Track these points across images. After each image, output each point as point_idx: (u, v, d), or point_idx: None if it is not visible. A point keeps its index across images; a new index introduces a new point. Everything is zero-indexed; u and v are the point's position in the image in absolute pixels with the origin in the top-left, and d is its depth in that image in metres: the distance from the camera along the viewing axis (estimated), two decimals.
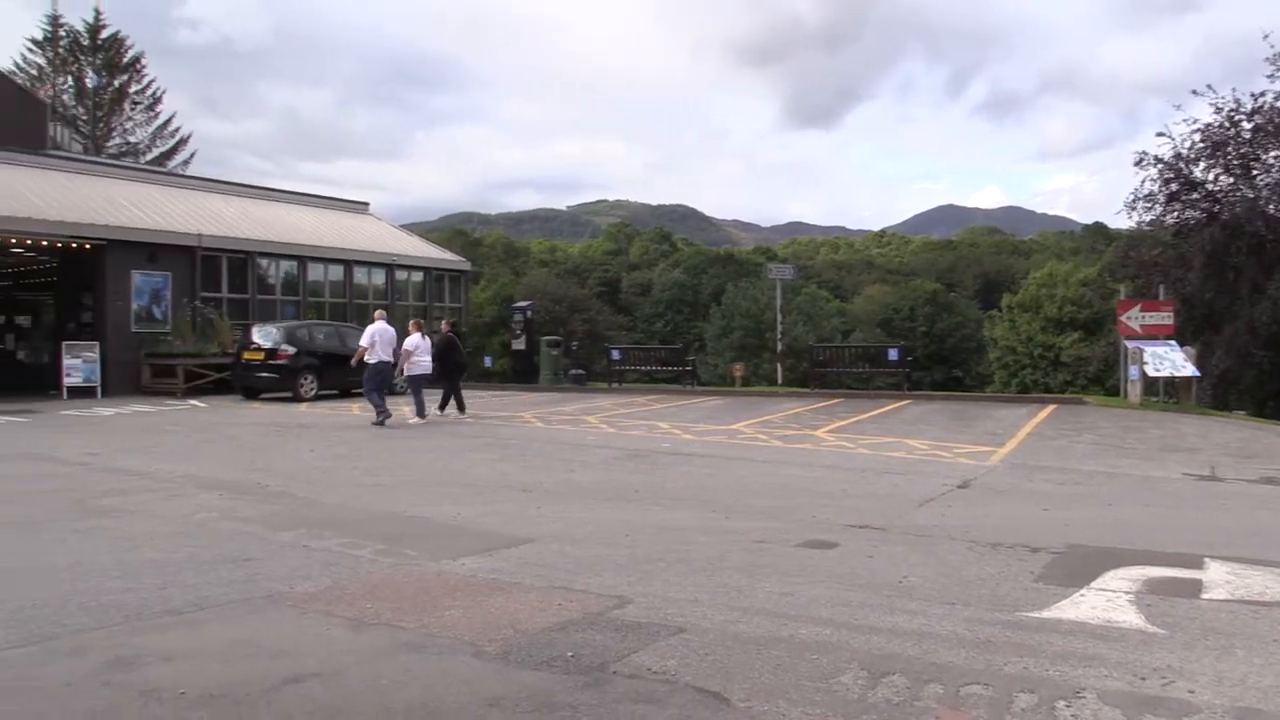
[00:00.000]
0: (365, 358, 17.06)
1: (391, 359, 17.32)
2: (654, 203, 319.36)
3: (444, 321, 20.97)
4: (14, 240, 22.67)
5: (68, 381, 22.05)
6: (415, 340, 17.56)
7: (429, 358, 17.74)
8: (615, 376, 29.15)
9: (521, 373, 30.59)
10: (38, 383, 23.85)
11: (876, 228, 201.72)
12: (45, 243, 23.11)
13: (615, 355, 30.25)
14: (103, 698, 4.11)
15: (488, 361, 37.70)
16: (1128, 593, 5.78)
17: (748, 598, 5.66)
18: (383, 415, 16.49)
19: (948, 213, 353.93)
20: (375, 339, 17.04)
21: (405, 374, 17.61)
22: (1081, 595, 5.72)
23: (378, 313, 18.18)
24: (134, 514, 8.35)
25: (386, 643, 4.87)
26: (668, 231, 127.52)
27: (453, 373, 18.75)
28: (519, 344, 31.00)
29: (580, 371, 30.21)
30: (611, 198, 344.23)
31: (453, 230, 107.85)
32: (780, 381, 30.85)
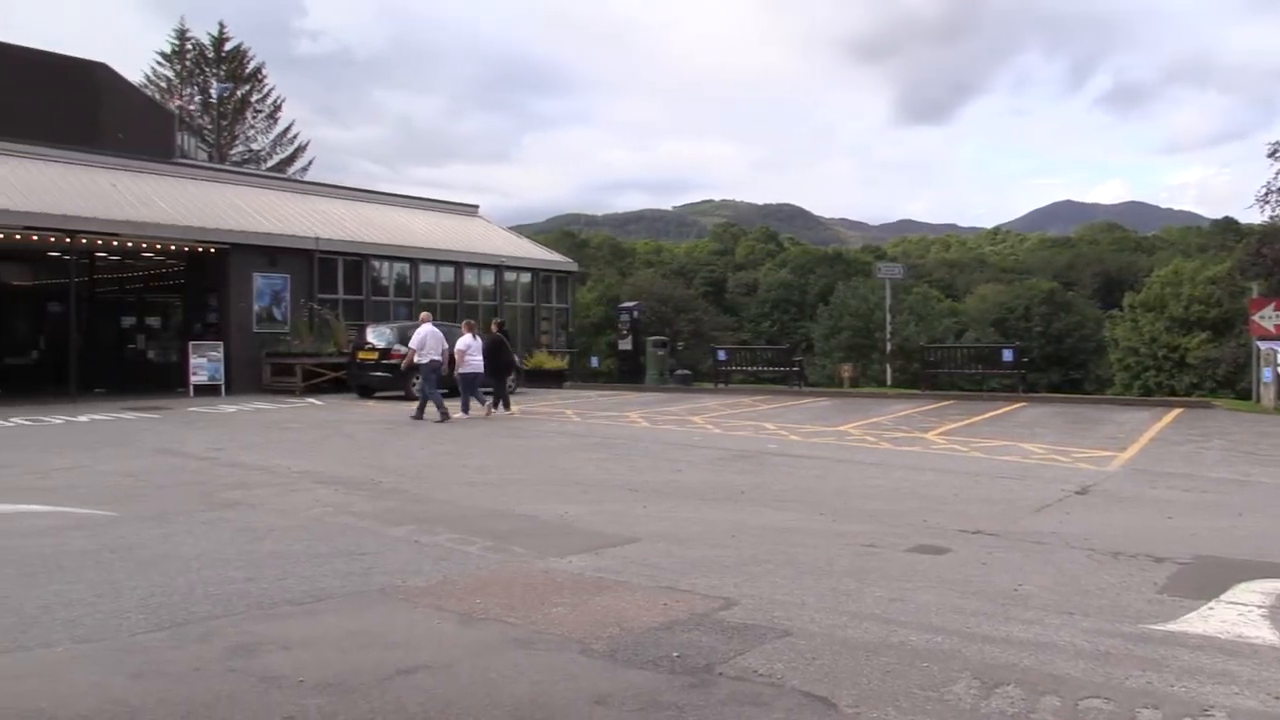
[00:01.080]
0: (415, 359, 17.90)
1: (441, 358, 17.95)
2: (760, 202, 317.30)
3: (493, 322, 21.74)
4: (145, 244, 23.78)
5: (194, 380, 23.03)
6: (467, 340, 18.25)
7: (480, 357, 18.45)
8: (721, 377, 29.08)
9: (627, 373, 30.76)
10: (166, 381, 24.96)
11: (990, 225, 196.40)
12: (174, 247, 24.19)
13: (721, 356, 30.20)
14: (227, 683, 4.27)
15: (594, 362, 38.04)
16: (1261, 607, 5.49)
17: (856, 602, 5.57)
18: (443, 412, 17.22)
19: (1065, 209, 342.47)
20: (425, 341, 17.83)
21: (457, 372, 18.21)
22: (1210, 608, 5.47)
23: (423, 315, 19.22)
24: (255, 507, 8.67)
25: (495, 638, 4.94)
26: (774, 231, 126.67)
27: (501, 371, 19.45)
28: (625, 344, 31.19)
29: (686, 372, 30.23)
30: (717, 197, 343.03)
31: (560, 232, 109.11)
32: (889, 383, 30.32)
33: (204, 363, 23.22)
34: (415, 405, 17.83)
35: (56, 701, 4.02)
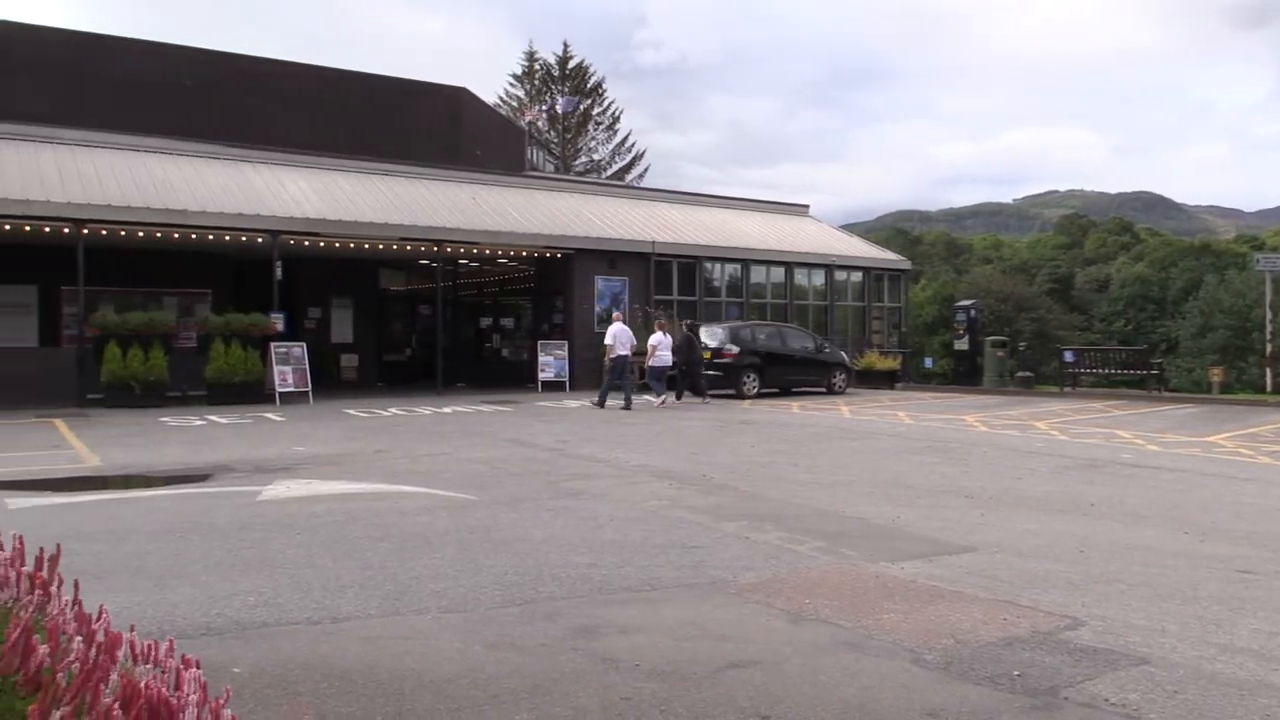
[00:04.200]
0: (610, 355, 20.08)
1: (629, 354, 20.03)
2: (1112, 191, 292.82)
3: (684, 322, 23.26)
4: (500, 251, 25.88)
5: (542, 376, 24.74)
6: (658, 338, 20.58)
7: (669, 353, 20.63)
8: (1067, 380, 27.24)
9: (963, 374, 29.55)
10: (517, 377, 26.97)
11: None
12: (524, 253, 26.15)
13: (1068, 357, 28.27)
14: (571, 660, 4.54)
15: (928, 362, 36.83)
16: None
17: (1227, 633, 5.00)
18: (628, 401, 19.45)
19: None
20: (616, 338, 20.00)
21: (648, 366, 20.40)
22: None
23: (615, 314, 21.59)
24: (597, 497, 9.16)
25: (825, 639, 4.90)
26: (1128, 221, 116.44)
27: (692, 365, 21.38)
28: (961, 344, 29.98)
29: (1028, 374, 28.58)
30: (1063, 188, 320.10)
31: (892, 229, 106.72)
32: (1270, 389, 26.95)
33: (551, 361, 24.88)
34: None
35: (425, 663, 4.46)
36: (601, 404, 19.68)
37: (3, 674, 1.97)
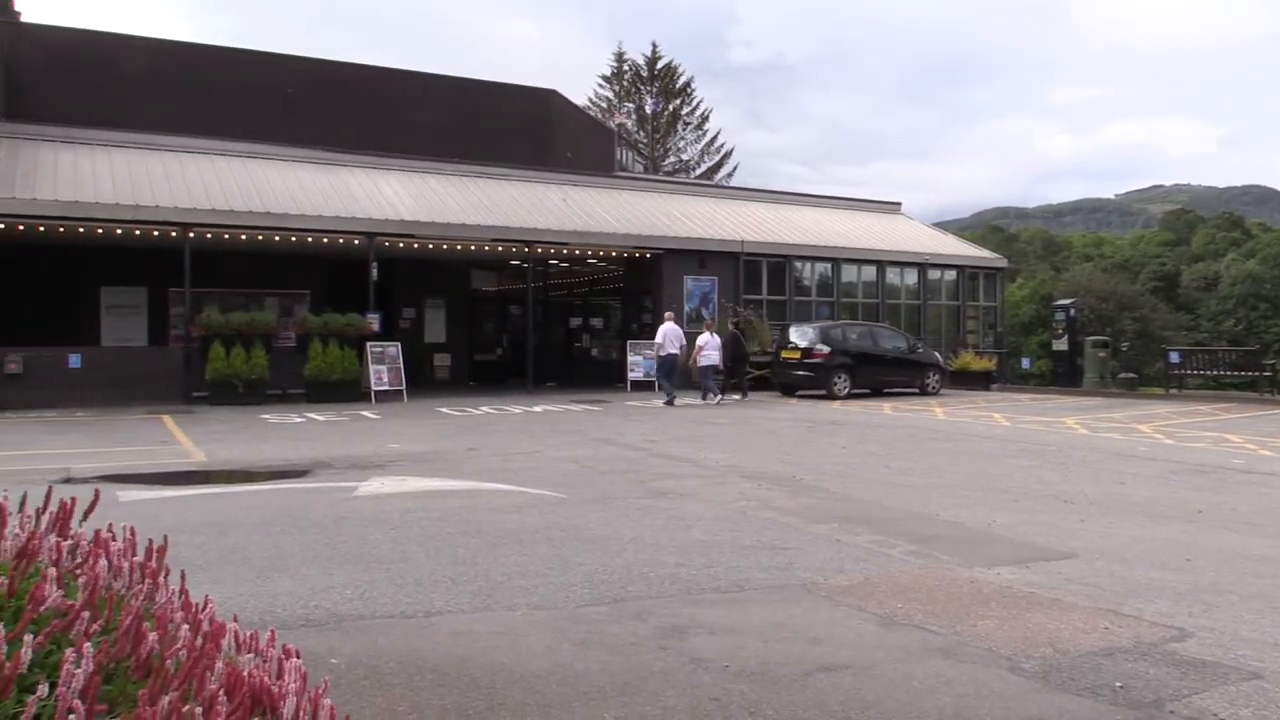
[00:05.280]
0: (660, 353, 21.06)
1: (678, 352, 20.95)
2: (1221, 185, 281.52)
3: (729, 322, 23.71)
4: (589, 252, 26.05)
5: (630, 376, 24.82)
6: (705, 338, 21.29)
7: (717, 352, 21.28)
8: (1173, 381, 26.31)
9: (1062, 375, 28.79)
10: (606, 377, 27.11)
11: None
12: (614, 253, 26.28)
13: (1174, 358, 27.30)
14: (659, 660, 4.54)
15: (1025, 363, 35.97)
16: None
17: None
18: (671, 397, 20.28)
19: None
20: (666, 337, 20.96)
21: (696, 364, 21.05)
22: None
23: (667, 314, 22.24)
24: (684, 497, 9.15)
25: (917, 644, 4.81)
26: (1239, 216, 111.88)
27: (737, 364, 22.16)
28: (1060, 344, 29.22)
29: (1131, 375, 27.73)
30: (1168, 182, 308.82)
31: (987, 227, 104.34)
32: None
33: (640, 360, 24.94)
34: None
35: (515, 659, 4.51)
36: (671, 401, 20.28)
37: (116, 659, 2.05)
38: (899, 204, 36.65)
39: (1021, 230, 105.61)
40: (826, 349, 22.56)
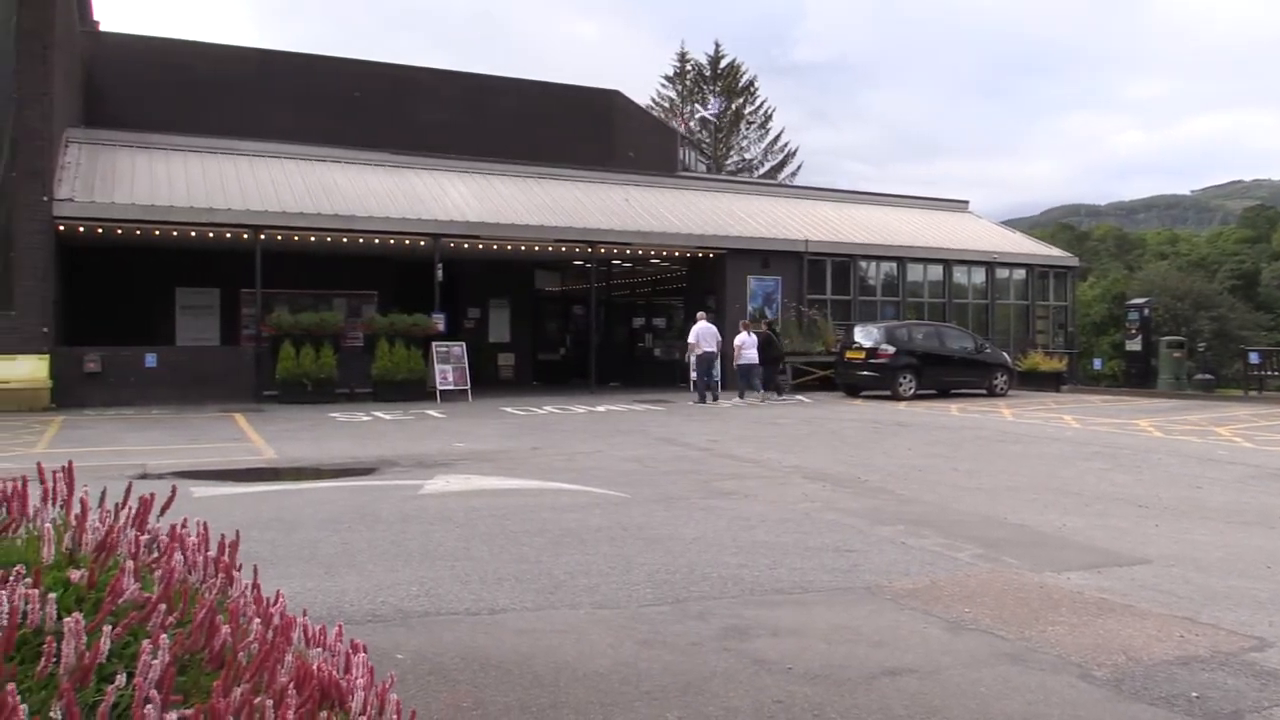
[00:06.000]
0: (694, 353, 21.25)
1: (715, 351, 21.31)
2: None
3: (763, 322, 23.69)
4: (652, 252, 26.07)
5: (693, 376, 24.74)
6: (742, 337, 21.53)
7: (754, 351, 21.38)
8: (1253, 383, 25.54)
9: (1135, 376, 28.09)
10: (669, 377, 27.08)
11: None
12: (677, 253, 26.26)
13: (1253, 358, 26.49)
14: (722, 661, 4.52)
15: (1096, 364, 35.21)
16: None
17: None
18: (705, 396, 20.78)
19: None
20: (700, 336, 21.23)
21: (735, 364, 21.46)
22: None
23: (700, 314, 22.34)
24: (748, 498, 9.11)
25: (985, 650, 4.73)
26: None
27: (772, 362, 22.30)
28: (1133, 345, 28.51)
29: (1208, 376, 26.95)
30: (1248, 177, 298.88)
31: (1057, 225, 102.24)
32: None
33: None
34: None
35: (578, 657, 4.52)
36: (703, 399, 20.84)
37: (190, 650, 2.09)
38: (966, 202, 36.09)
39: (1093, 228, 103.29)
40: (891, 349, 22.30)
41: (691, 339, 21.49)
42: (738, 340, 21.59)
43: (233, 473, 10.67)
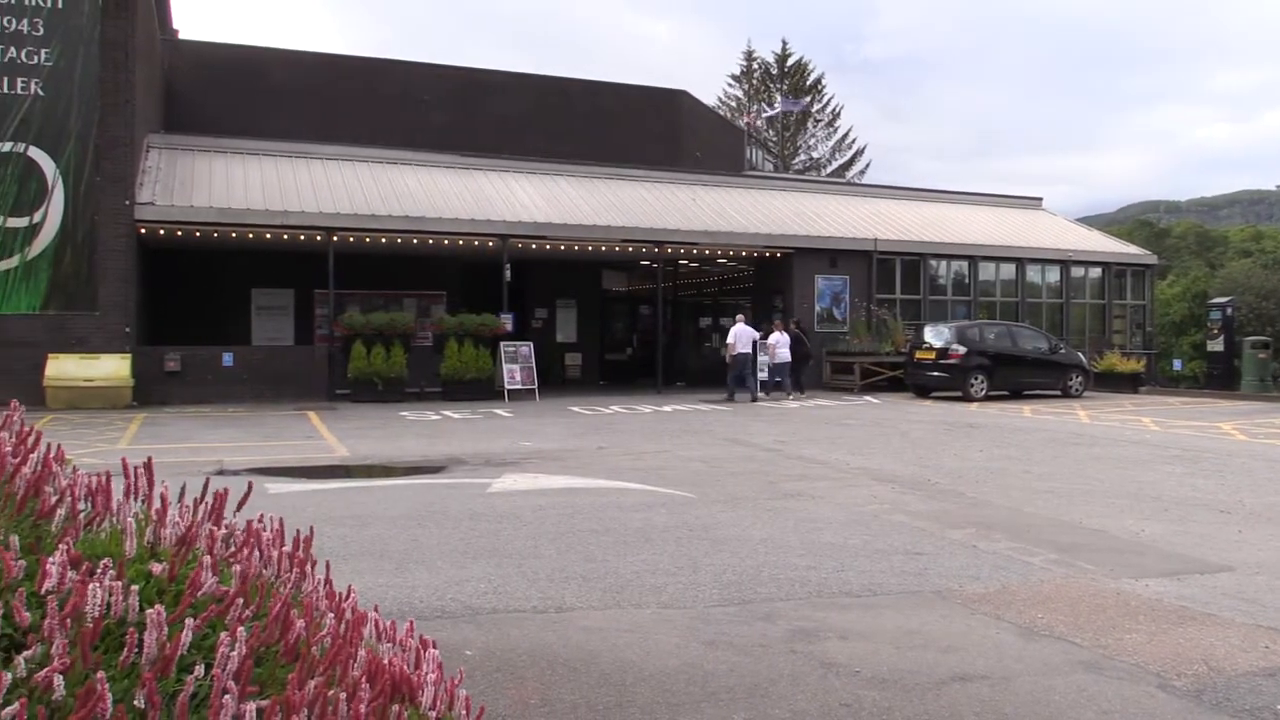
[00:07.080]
0: (732, 353, 21.57)
1: (751, 351, 21.63)
2: None
3: (791, 321, 23.80)
4: (719, 251, 26.00)
5: (760, 376, 24.54)
6: (777, 337, 22.23)
7: (788, 350, 22.10)
8: None
9: (1217, 378, 27.31)
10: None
11: None
12: (744, 253, 26.15)
13: None
14: (788, 663, 4.49)
15: (1176, 365, 34.28)
16: None
17: None
18: (739, 396, 21.33)
19: None
20: (738, 337, 21.58)
21: (772, 362, 22.15)
22: None
23: (738, 315, 23.15)
24: (815, 499, 9.04)
25: (1058, 657, 4.64)
26: None
27: (800, 361, 22.76)
28: (1215, 345, 27.74)
29: None
30: None
31: (1135, 221, 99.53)
32: None
33: (766, 361, 24.70)
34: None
35: (644, 656, 4.53)
36: (731, 398, 21.39)
37: (266, 643, 2.14)
38: (1040, 199, 35.37)
39: (1173, 225, 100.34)
40: (962, 349, 21.94)
41: (730, 340, 22.01)
42: (771, 339, 22.26)
43: (307, 470, 10.89)
